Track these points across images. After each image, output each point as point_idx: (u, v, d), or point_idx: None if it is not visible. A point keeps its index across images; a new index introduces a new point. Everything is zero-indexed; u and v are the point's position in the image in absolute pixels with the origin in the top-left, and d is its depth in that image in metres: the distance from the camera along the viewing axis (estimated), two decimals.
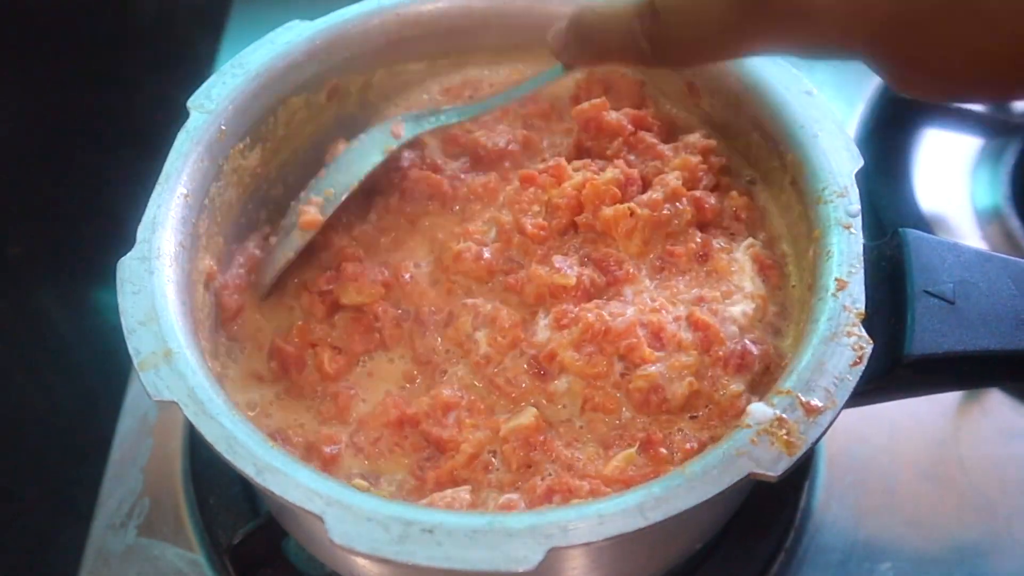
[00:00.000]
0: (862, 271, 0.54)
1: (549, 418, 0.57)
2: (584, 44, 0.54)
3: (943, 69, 0.41)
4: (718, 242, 0.62)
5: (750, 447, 0.47)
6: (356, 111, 0.72)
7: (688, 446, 0.54)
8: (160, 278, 0.53)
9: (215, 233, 0.62)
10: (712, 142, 0.66)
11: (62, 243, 1.04)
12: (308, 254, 0.65)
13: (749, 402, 0.53)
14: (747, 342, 0.57)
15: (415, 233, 0.67)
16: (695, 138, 0.67)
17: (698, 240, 0.62)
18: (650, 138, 0.67)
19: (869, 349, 0.50)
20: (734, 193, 0.65)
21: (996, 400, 0.78)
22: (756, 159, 0.66)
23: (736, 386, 0.55)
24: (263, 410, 0.61)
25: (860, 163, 0.59)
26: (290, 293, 0.65)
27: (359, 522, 0.45)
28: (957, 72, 0.40)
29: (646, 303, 0.59)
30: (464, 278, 0.63)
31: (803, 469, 0.73)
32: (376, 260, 0.65)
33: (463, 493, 0.54)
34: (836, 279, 0.53)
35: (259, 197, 0.68)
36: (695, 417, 0.56)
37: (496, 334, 0.59)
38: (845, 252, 0.55)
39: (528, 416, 0.56)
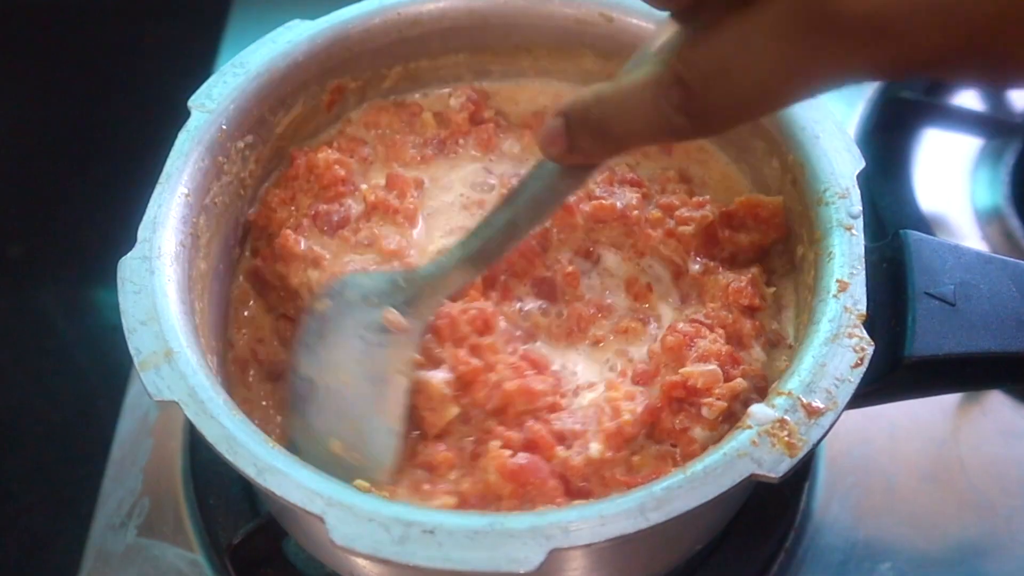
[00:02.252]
0: (863, 273, 0.54)
1: None
2: (602, 137, 0.45)
3: None
4: None
5: (751, 448, 0.47)
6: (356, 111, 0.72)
7: None
8: (161, 278, 0.53)
9: (216, 232, 0.62)
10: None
11: (62, 243, 1.04)
12: None
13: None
14: None
15: None
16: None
17: None
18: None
19: (870, 351, 0.50)
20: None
21: (996, 401, 0.78)
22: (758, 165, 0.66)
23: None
24: None
25: (861, 164, 0.59)
26: None
27: (360, 523, 0.45)
28: None
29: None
30: None
31: (803, 470, 0.73)
32: None
33: None
34: (837, 280, 0.53)
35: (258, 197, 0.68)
36: None
37: None
38: (846, 254, 0.55)
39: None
